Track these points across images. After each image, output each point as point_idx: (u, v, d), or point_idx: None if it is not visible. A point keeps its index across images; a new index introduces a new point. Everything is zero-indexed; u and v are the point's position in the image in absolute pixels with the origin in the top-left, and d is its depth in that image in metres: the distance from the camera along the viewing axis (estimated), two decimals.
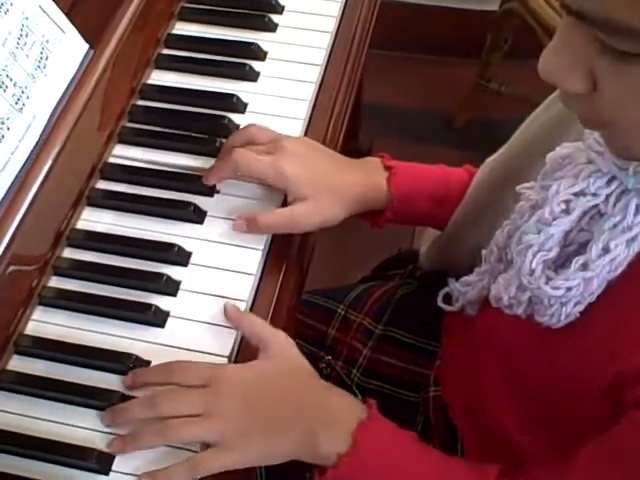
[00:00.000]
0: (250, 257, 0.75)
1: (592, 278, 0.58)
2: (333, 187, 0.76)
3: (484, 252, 0.71)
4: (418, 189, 0.81)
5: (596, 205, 0.59)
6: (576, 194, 0.60)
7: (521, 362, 0.68)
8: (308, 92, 0.87)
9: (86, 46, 0.76)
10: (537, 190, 0.63)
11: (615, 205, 0.58)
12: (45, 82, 0.72)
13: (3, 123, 0.67)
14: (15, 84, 0.69)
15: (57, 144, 0.72)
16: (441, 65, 1.91)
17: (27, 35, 0.70)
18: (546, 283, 0.60)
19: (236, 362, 0.69)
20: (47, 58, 0.72)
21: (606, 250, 0.57)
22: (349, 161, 0.81)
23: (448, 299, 0.77)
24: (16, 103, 0.69)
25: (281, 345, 0.68)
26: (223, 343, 0.70)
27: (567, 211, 0.60)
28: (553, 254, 0.61)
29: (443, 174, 0.83)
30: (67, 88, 0.74)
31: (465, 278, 0.74)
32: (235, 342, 0.70)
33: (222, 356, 0.69)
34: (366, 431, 0.64)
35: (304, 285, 0.81)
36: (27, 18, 0.70)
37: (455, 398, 0.78)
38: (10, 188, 0.68)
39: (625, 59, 0.47)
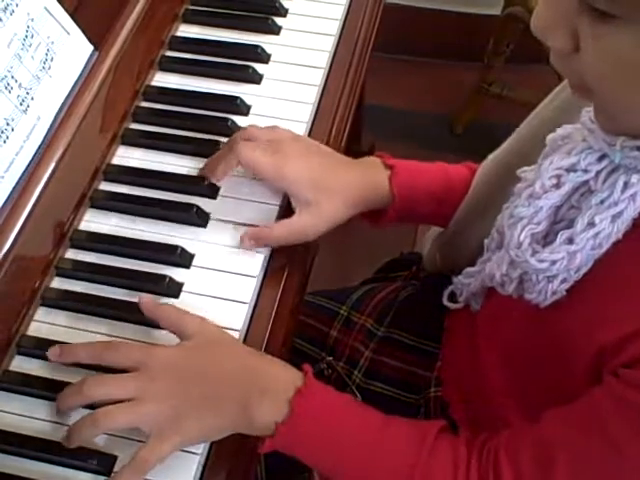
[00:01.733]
0: (252, 259, 0.75)
1: (576, 252, 0.59)
2: (335, 189, 0.76)
3: (486, 241, 0.71)
4: (420, 187, 0.81)
5: (587, 182, 0.60)
6: (567, 169, 0.60)
7: (519, 348, 0.69)
8: (311, 95, 0.87)
9: (91, 47, 0.77)
10: (535, 170, 0.64)
11: (605, 182, 0.58)
12: (50, 83, 0.72)
13: (8, 124, 0.68)
14: (20, 85, 0.69)
15: (61, 145, 0.72)
16: (443, 69, 1.91)
17: (32, 36, 0.70)
18: (532, 255, 0.61)
19: None
20: (52, 59, 0.72)
21: (591, 224, 0.58)
22: (349, 161, 0.80)
23: (453, 298, 0.78)
24: (21, 104, 0.69)
25: (198, 325, 0.67)
26: None
27: (558, 186, 0.61)
28: (541, 228, 0.61)
29: (443, 171, 0.83)
30: (71, 89, 0.74)
31: (467, 269, 0.74)
32: None
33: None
34: (303, 398, 0.64)
35: (307, 287, 0.81)
36: (32, 19, 0.71)
37: (455, 397, 0.78)
38: (14, 189, 0.68)
39: (602, 19, 0.48)
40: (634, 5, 0.46)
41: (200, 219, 0.77)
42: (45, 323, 0.72)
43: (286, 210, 0.78)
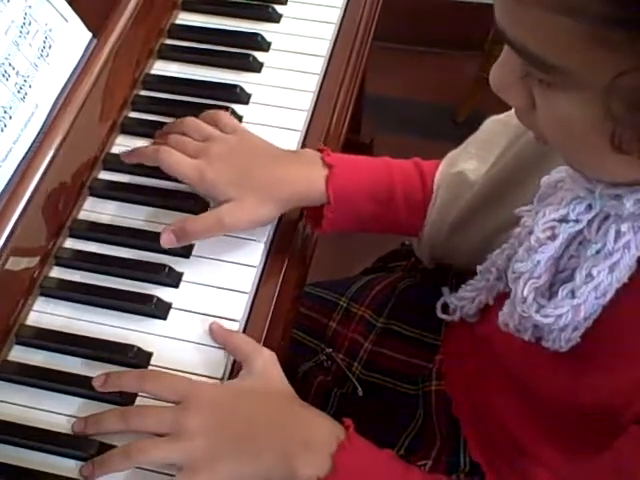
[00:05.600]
0: (253, 249, 0.75)
1: (579, 305, 0.58)
2: (257, 186, 0.74)
3: (479, 268, 0.70)
4: (360, 189, 0.77)
5: (582, 231, 0.59)
6: (560, 220, 0.59)
7: (518, 370, 0.68)
8: (312, 83, 0.86)
9: (89, 35, 0.76)
10: (532, 216, 0.63)
11: (598, 231, 0.57)
12: (48, 71, 0.71)
13: (5, 112, 0.67)
14: (18, 73, 0.68)
15: (59, 133, 0.72)
16: (444, 58, 1.90)
17: (30, 24, 0.70)
18: (537, 311, 0.60)
19: None
20: (50, 47, 0.72)
21: (590, 276, 0.57)
22: (284, 157, 0.77)
23: (446, 307, 0.77)
24: (18, 92, 0.68)
25: (265, 363, 0.67)
26: None
27: (553, 237, 0.60)
28: (543, 281, 0.60)
29: (387, 171, 0.79)
30: (70, 77, 0.74)
31: (461, 293, 0.73)
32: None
33: (224, 348, 0.69)
34: (345, 453, 0.63)
35: (307, 277, 0.80)
36: (30, 6, 0.70)
37: (457, 392, 0.78)
38: (12, 178, 0.68)
39: (547, 86, 0.48)
40: (567, 76, 0.46)
41: (200, 208, 0.76)
42: (44, 313, 0.71)
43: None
